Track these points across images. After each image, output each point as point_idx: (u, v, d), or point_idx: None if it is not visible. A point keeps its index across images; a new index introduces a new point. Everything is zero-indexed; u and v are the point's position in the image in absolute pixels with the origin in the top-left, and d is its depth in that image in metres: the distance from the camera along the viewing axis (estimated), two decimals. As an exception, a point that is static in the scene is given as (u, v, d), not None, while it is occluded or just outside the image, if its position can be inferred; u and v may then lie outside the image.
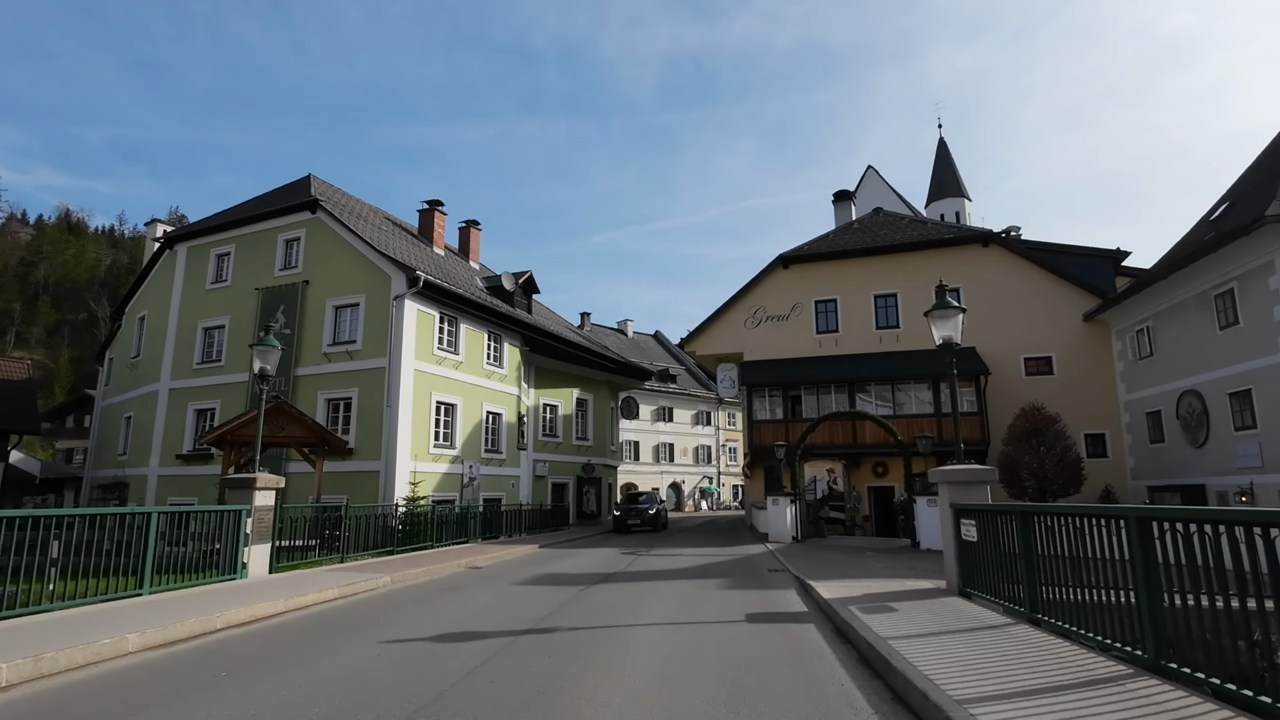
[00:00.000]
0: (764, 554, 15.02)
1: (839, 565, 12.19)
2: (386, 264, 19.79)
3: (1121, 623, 4.79)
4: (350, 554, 13.77)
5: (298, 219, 21.81)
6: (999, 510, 6.80)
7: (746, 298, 27.47)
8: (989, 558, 7.00)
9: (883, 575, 10.37)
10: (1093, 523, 5.31)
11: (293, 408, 13.75)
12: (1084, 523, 5.43)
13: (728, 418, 57.86)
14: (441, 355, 20.64)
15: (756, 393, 25.53)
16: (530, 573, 11.66)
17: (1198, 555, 4.10)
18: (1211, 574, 3.95)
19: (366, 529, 14.71)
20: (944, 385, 23.43)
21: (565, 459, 29.09)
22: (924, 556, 14.27)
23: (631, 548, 17.08)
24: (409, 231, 26.54)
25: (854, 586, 8.79)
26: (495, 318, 23.15)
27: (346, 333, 20.21)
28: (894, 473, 24.36)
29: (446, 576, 11.30)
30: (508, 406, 23.93)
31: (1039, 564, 6.04)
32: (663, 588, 9.66)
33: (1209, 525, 4.03)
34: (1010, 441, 20.07)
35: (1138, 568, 4.58)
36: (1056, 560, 5.80)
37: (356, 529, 14.57)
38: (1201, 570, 4.06)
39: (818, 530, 20.40)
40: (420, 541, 16.18)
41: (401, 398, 18.77)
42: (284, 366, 20.46)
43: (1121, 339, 22.70)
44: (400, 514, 16.79)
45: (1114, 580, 4.89)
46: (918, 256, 25.76)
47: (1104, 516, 5.19)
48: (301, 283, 20.99)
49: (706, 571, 11.82)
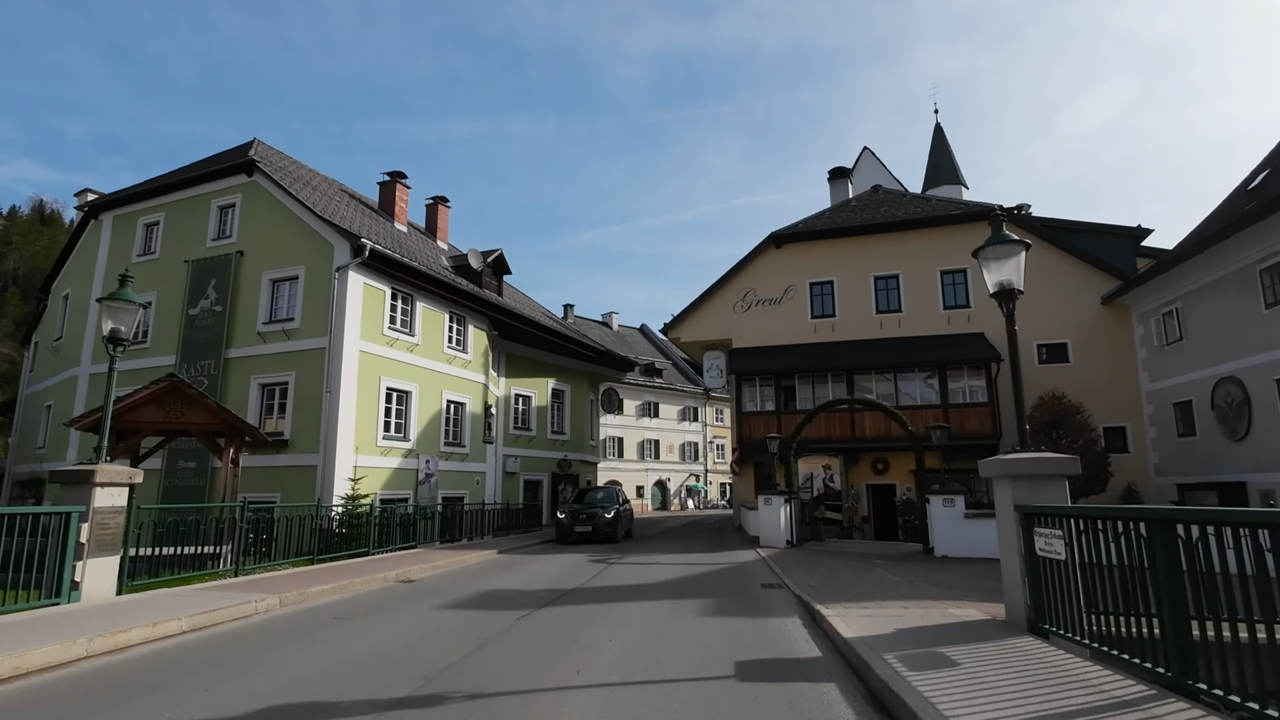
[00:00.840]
0: (755, 562, 12.89)
1: (847, 579, 10.06)
2: (329, 231, 17.45)
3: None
4: (265, 563, 11.52)
5: (233, 183, 19.41)
6: (1114, 514, 4.66)
7: (736, 279, 25.33)
8: (1087, 584, 4.87)
9: (906, 595, 8.24)
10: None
11: (191, 388, 11.42)
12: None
13: (715, 414, 55.81)
14: (393, 336, 18.33)
15: (746, 382, 23.41)
16: (469, 589, 9.45)
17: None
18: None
19: (293, 533, 12.49)
20: (951, 373, 21.43)
21: (539, 454, 26.84)
22: (943, 566, 12.18)
23: (602, 554, 14.89)
24: (368, 205, 24.18)
25: (876, 614, 6.65)
26: (458, 297, 20.86)
27: (284, 309, 17.86)
28: (895, 469, 22.35)
29: (362, 594, 9.06)
30: (472, 395, 21.66)
31: (1189, 597, 3.90)
32: (628, 613, 7.47)
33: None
34: (1028, 434, 18.03)
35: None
36: (1222, 590, 3.67)
37: (285, 533, 12.35)
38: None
39: (814, 533, 18.31)
40: (359, 547, 13.94)
41: (343, 382, 16.47)
42: (213, 348, 18.12)
43: (1144, 323, 20.76)
44: (337, 515, 14.56)
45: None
46: (921, 235, 23.72)
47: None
48: (235, 253, 18.60)
49: (686, 587, 9.65)
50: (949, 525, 13.76)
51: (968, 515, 13.81)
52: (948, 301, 23.08)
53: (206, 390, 17.75)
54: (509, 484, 25.22)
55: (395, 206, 24.62)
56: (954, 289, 23.16)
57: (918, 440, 14.99)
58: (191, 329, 18.58)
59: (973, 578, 10.45)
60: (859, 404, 17.84)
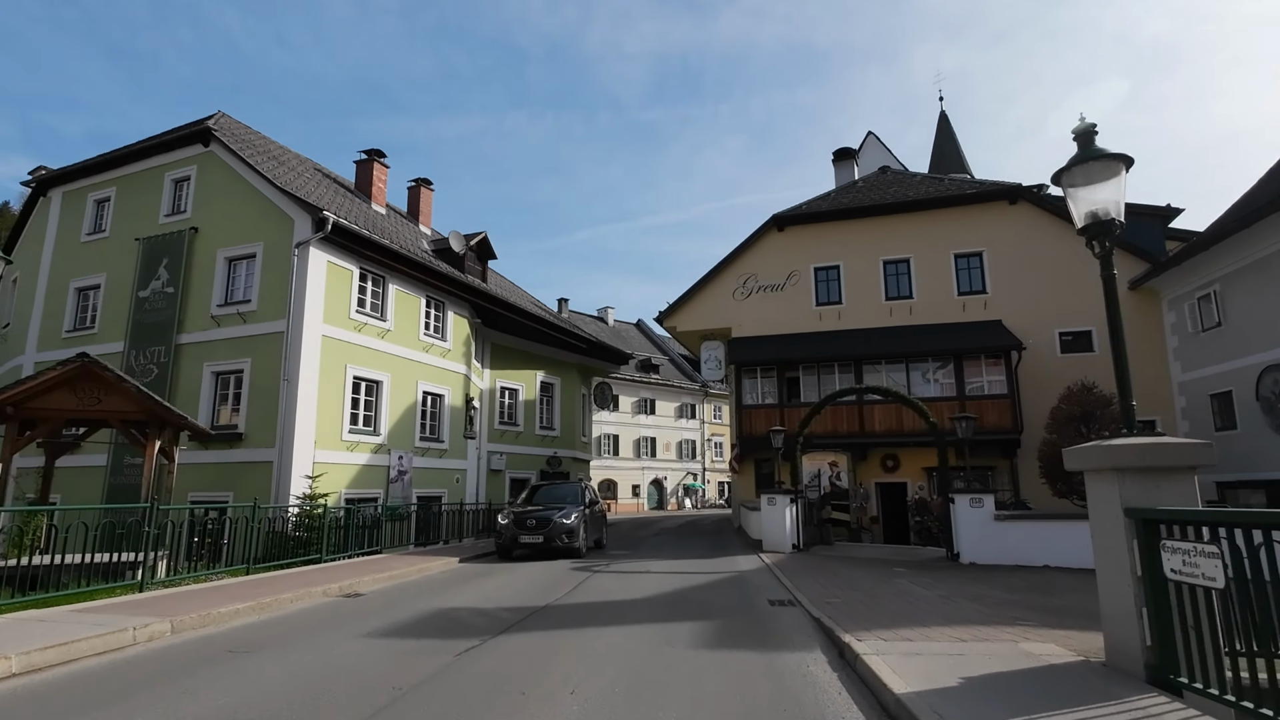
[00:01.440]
0: (759, 571, 11.34)
1: (869, 594, 8.51)
2: (289, 204, 15.87)
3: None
4: (195, 573, 9.98)
5: (188, 154, 17.81)
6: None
7: (735, 265, 23.77)
8: (1259, 622, 3.32)
9: (949, 617, 6.70)
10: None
11: (109, 370, 9.84)
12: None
13: (714, 411, 54.29)
14: (362, 320, 16.75)
15: (747, 373, 21.86)
16: (418, 608, 7.89)
17: None
18: None
19: (240, 538, 10.98)
20: (968, 363, 19.90)
21: (526, 451, 25.26)
22: (975, 576, 10.64)
23: (587, 561, 13.33)
24: (344, 185, 22.57)
25: (926, 651, 5.11)
26: (437, 280, 19.28)
27: (241, 291, 16.27)
28: (906, 466, 20.84)
29: (286, 615, 7.49)
30: (452, 387, 20.08)
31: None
32: (603, 644, 5.92)
33: None
34: (1054, 428, 16.55)
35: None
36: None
37: (233, 537, 10.89)
38: None
39: (821, 535, 16.77)
40: (315, 552, 12.39)
41: (303, 369, 14.89)
42: (164, 333, 16.53)
43: (1176, 309, 19.25)
44: (293, 517, 13.01)
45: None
46: (933, 216, 22.19)
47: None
48: (189, 230, 16.99)
49: (679, 605, 8.08)
50: (977, 528, 12.23)
51: (998, 517, 12.28)
52: (962, 287, 21.56)
53: (156, 380, 16.24)
54: (494, 482, 23.64)
55: (373, 187, 22.99)
56: (969, 273, 21.64)
57: (940, 434, 13.45)
58: (141, 313, 16.99)
59: (1015, 591, 8.91)
60: (875, 393, 16.28)
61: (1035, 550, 11.95)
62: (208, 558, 11.49)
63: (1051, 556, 11.93)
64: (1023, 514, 12.80)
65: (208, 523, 12.34)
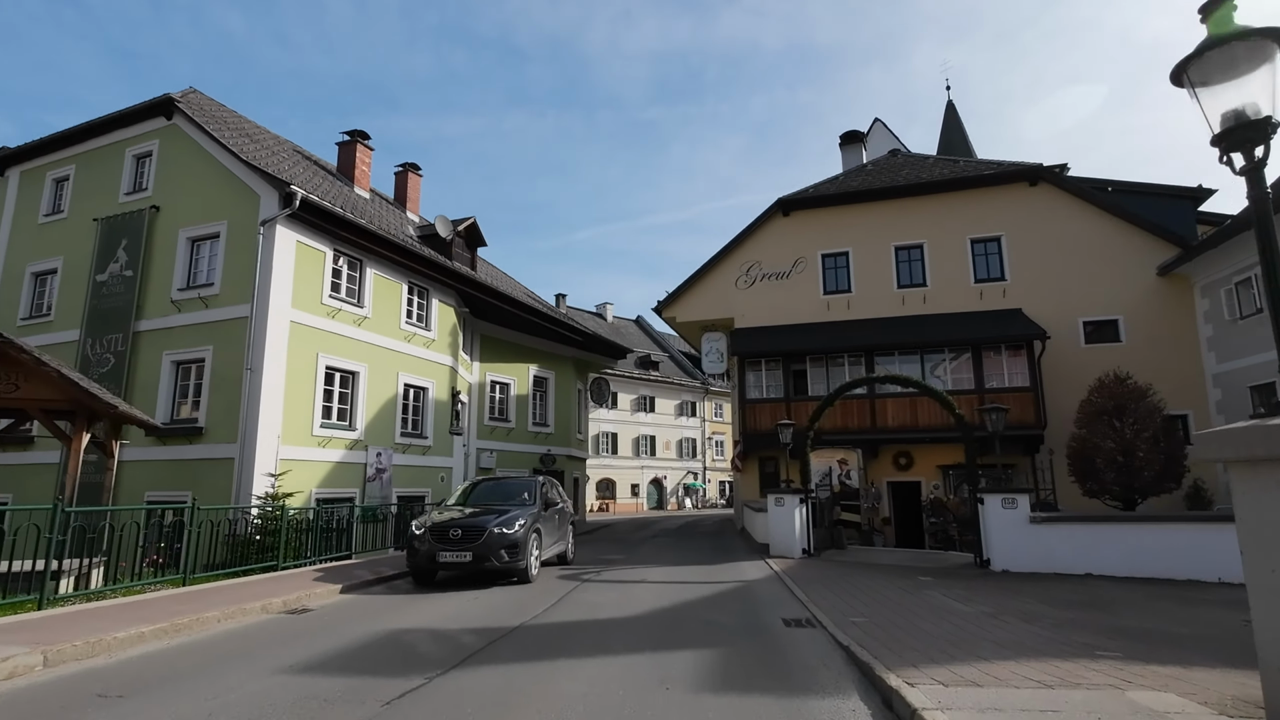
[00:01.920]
0: (768, 580, 10.09)
1: (901, 610, 7.26)
2: (256, 179, 14.62)
3: None
4: (117, 585, 8.75)
5: (151, 127, 16.56)
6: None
7: (738, 252, 22.52)
8: None
9: (1012, 647, 5.45)
10: None
11: (27, 351, 8.57)
12: None
13: (714, 409, 53.05)
14: (335, 306, 15.50)
15: (750, 366, 20.61)
16: (365, 629, 6.64)
17: None
18: None
19: (192, 542, 9.79)
20: (987, 354, 18.65)
21: (519, 448, 24.04)
22: (1012, 587, 9.38)
23: (578, 566, 12.08)
24: (324, 168, 21.31)
25: (1006, 705, 3.85)
26: (419, 265, 18.03)
27: (204, 273, 15.03)
28: (920, 464, 19.60)
29: (200, 640, 6.24)
30: (437, 379, 18.83)
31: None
32: (580, 684, 4.67)
33: None
34: (1084, 422, 15.29)
35: None
36: None
37: (188, 540, 9.68)
38: None
39: (833, 539, 15.52)
40: (273, 558, 11.15)
41: (268, 357, 13.64)
42: (122, 320, 15.30)
43: (1210, 296, 17.98)
44: (254, 518, 11.77)
45: None
46: (948, 199, 20.92)
47: None
48: (149, 209, 15.75)
49: (677, 626, 6.83)
50: (1010, 532, 10.98)
51: (1034, 520, 11.02)
52: (979, 274, 20.30)
53: (112, 370, 15.02)
54: (483, 481, 22.43)
55: (355, 170, 21.73)
56: (986, 260, 20.37)
57: (968, 427, 12.19)
58: (98, 298, 15.75)
59: (1067, 607, 7.65)
60: (893, 383, 14.99)
61: (1075, 557, 10.70)
62: (161, 565, 10.31)
63: (1093, 564, 10.68)
64: (1061, 516, 11.55)
65: (161, 526, 11.17)
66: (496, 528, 9.78)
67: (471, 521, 9.94)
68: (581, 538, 20.07)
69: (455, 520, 10.04)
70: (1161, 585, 9.59)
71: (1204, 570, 10.20)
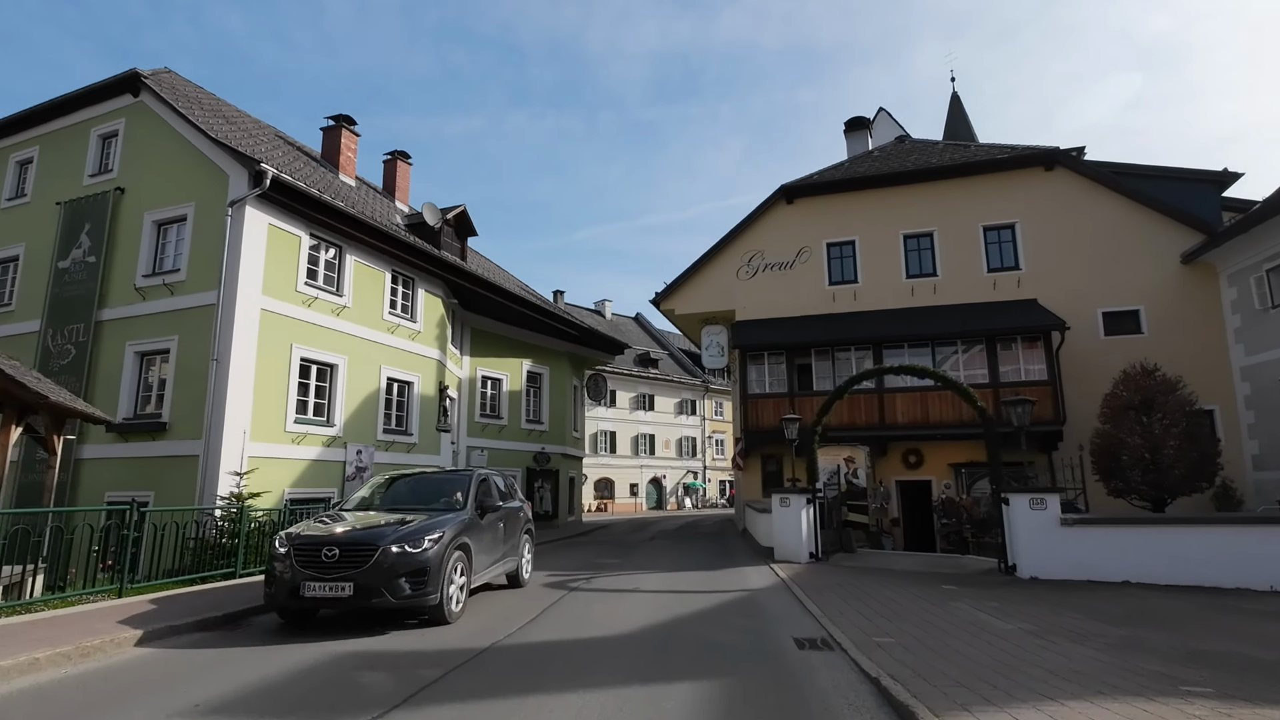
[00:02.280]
0: (775, 589, 9.16)
1: (930, 628, 6.34)
2: (224, 157, 13.68)
3: None
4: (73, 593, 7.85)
5: (117, 105, 15.62)
6: None
7: (740, 241, 21.57)
8: None
9: (1074, 678, 4.53)
10: None
11: (-55, 336, 7.64)
12: None
13: (715, 407, 52.13)
14: (311, 294, 14.56)
15: (753, 359, 19.67)
16: (307, 654, 5.71)
17: None
18: None
19: (147, 546, 8.94)
20: (1002, 346, 17.71)
21: (511, 446, 23.16)
22: (1049, 598, 8.44)
23: (567, 573, 11.15)
24: (308, 154, 20.35)
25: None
26: (404, 252, 17.10)
27: (170, 259, 14.10)
28: (931, 462, 18.67)
29: (99, 669, 5.29)
30: (423, 373, 17.90)
31: None
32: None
33: None
34: (1109, 417, 14.36)
35: None
36: None
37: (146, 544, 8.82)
38: None
39: (842, 542, 14.59)
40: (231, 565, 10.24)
41: (236, 347, 12.71)
42: (84, 308, 14.37)
43: (1238, 284, 17.05)
44: (217, 520, 10.86)
45: None
46: (960, 185, 19.97)
47: None
48: (114, 191, 14.82)
49: (673, 649, 5.91)
50: (1039, 535, 10.04)
51: (1064, 522, 10.08)
52: (992, 263, 19.36)
53: (73, 362, 14.12)
54: (474, 481, 21.50)
55: (340, 156, 20.77)
56: (1000, 248, 19.43)
57: (991, 422, 11.25)
58: (60, 286, 14.82)
59: (1117, 622, 6.72)
60: (908, 373, 14.04)
61: (1111, 563, 9.78)
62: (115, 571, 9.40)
63: (1130, 570, 9.76)
64: (1095, 519, 10.63)
65: (120, 529, 10.26)
66: (395, 544, 6.61)
67: (356, 536, 6.81)
68: (575, 540, 19.15)
69: (332, 535, 6.82)
70: (1208, 594, 8.66)
71: (1253, 578, 9.29)
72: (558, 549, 16.42)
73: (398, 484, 9.16)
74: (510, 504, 9.65)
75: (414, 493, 8.74)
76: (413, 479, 9.40)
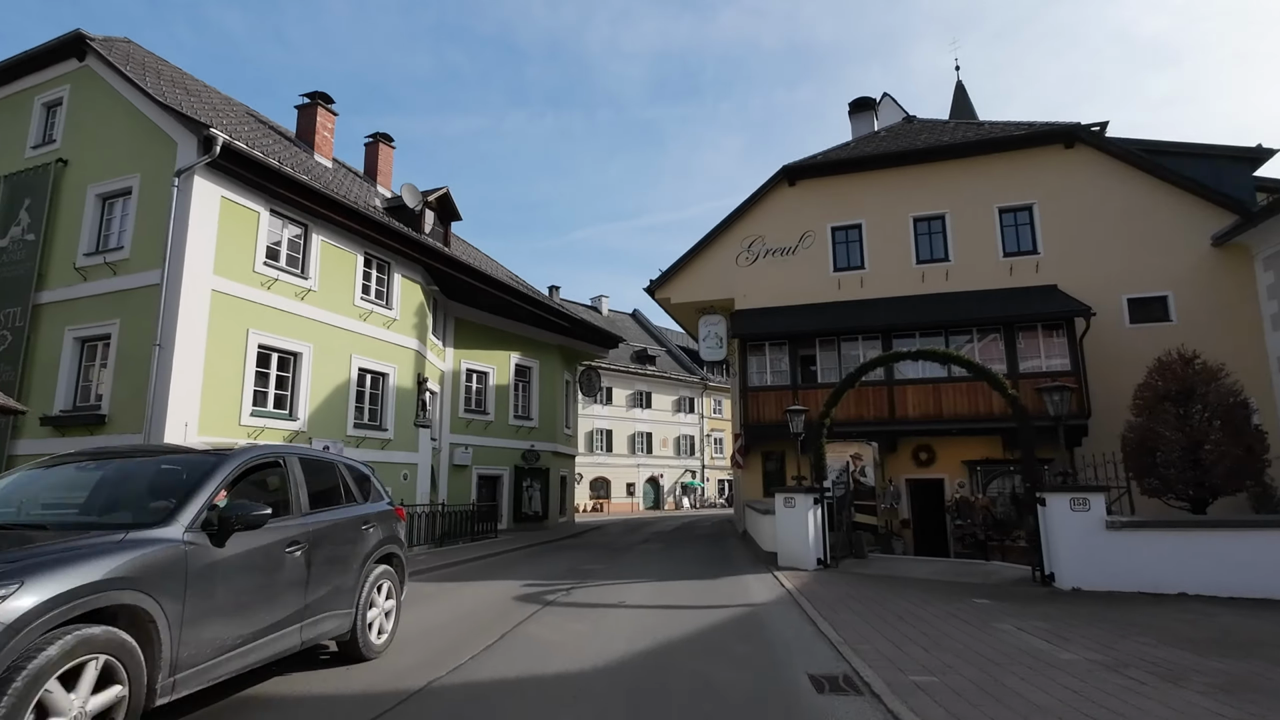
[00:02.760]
0: (781, 603, 7.92)
1: (975, 659, 5.11)
2: (173, 124, 12.43)
3: None
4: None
5: (61, 71, 14.38)
6: None
7: (739, 225, 20.34)
8: None
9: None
10: None
11: None
12: None
13: (714, 405, 50.89)
14: (271, 275, 13.30)
15: (753, 350, 18.44)
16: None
17: None
18: None
19: None
20: (1021, 335, 16.49)
21: (498, 443, 21.93)
22: (1104, 615, 7.20)
23: (546, 581, 9.91)
24: (281, 133, 19.07)
25: None
26: (377, 233, 15.86)
27: (115, 236, 12.84)
28: (943, 459, 17.44)
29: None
30: (399, 364, 16.66)
31: None
32: None
33: None
34: (1143, 409, 13.12)
35: None
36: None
37: None
38: None
39: (852, 546, 13.36)
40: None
41: (181, 332, 11.47)
42: (21, 291, 13.12)
43: (1274, 268, 15.82)
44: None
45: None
46: (973, 165, 18.75)
47: None
48: (56, 163, 13.56)
49: (655, 692, 4.69)
50: (1081, 540, 8.82)
51: (1110, 525, 8.85)
52: (1009, 247, 18.13)
53: (10, 349, 12.86)
54: (458, 479, 20.33)
55: (316, 136, 19.55)
56: (1016, 231, 18.21)
57: (1024, 413, 10.02)
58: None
59: (1199, 649, 5.48)
60: (929, 358, 12.68)
61: (1166, 571, 8.56)
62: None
63: (1185, 580, 8.54)
64: (1144, 522, 9.41)
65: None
66: None
67: None
68: (563, 543, 17.90)
69: None
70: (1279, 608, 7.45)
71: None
72: (541, 553, 15.18)
73: (57, 474, 4.74)
74: (344, 512, 5.54)
75: (83, 490, 4.47)
76: (95, 465, 4.71)
